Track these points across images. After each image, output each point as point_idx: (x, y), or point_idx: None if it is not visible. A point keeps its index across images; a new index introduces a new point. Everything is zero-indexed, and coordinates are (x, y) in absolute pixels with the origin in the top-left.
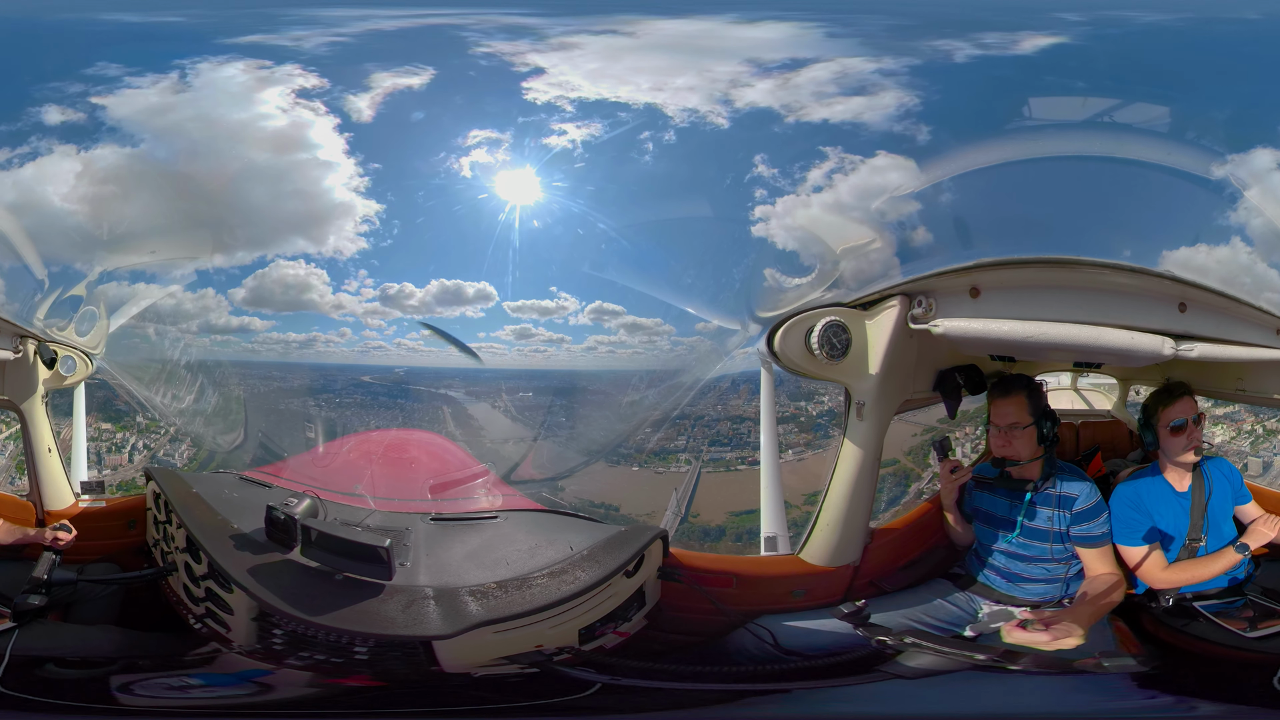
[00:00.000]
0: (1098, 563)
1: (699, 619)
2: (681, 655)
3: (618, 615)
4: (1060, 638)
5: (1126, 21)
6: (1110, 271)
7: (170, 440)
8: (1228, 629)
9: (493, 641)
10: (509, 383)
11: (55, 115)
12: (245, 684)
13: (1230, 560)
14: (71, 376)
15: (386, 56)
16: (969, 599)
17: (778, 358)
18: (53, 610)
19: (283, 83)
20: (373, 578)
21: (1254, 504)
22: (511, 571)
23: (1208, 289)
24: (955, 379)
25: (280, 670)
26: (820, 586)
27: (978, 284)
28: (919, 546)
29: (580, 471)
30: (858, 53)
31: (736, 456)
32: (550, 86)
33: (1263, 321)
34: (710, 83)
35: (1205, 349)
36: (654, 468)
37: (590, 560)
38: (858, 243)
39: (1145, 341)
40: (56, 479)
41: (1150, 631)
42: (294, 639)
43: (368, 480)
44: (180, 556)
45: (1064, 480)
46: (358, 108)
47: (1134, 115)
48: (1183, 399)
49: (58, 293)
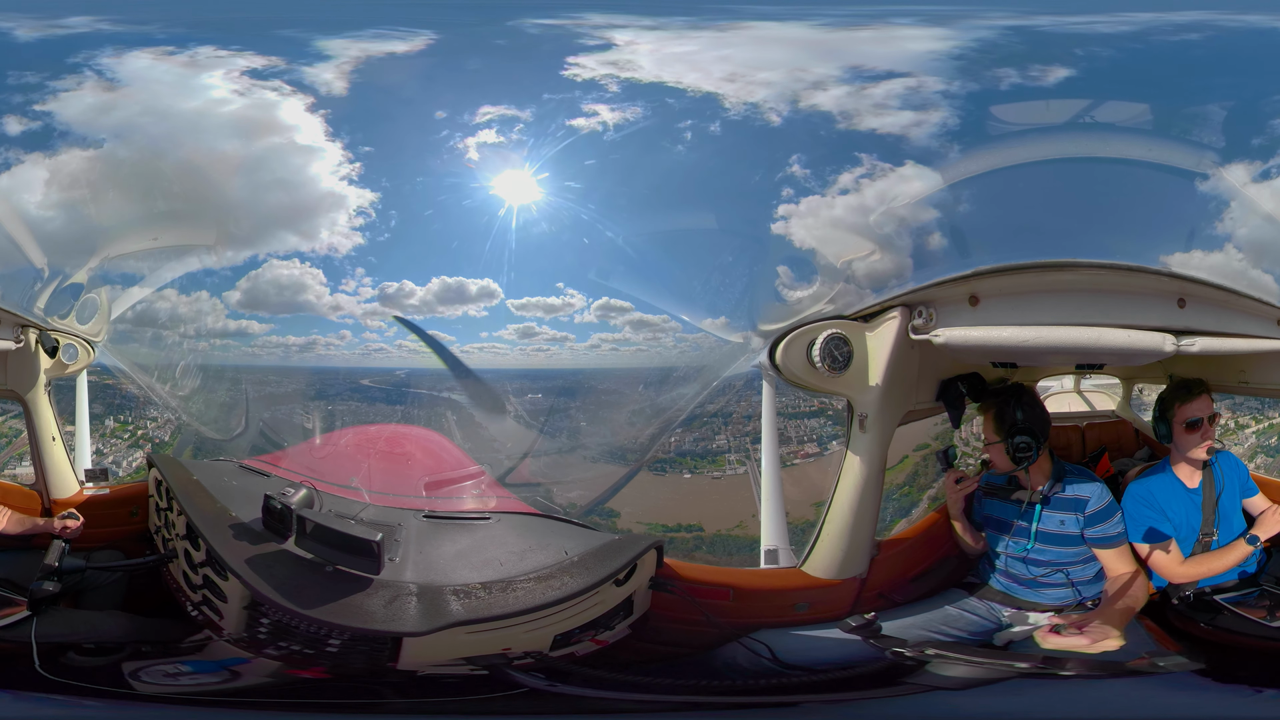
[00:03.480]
0: (1118, 563)
1: (690, 631)
2: (659, 667)
3: (600, 623)
4: (1099, 640)
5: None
6: (1107, 272)
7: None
8: (1252, 619)
9: (462, 641)
10: (515, 383)
11: (15, 125)
12: (219, 672)
13: (1243, 552)
14: (73, 364)
15: (364, 21)
16: (989, 607)
17: (780, 371)
18: (64, 598)
19: (221, 65)
20: (362, 571)
21: (1261, 496)
22: (498, 573)
23: (1205, 283)
24: (958, 388)
25: (256, 661)
26: (825, 600)
27: (977, 292)
28: (929, 557)
29: (626, 487)
30: (937, 71)
31: (787, 452)
32: (602, 64)
33: (1262, 313)
34: (792, 80)
35: (1206, 343)
36: (708, 473)
37: (580, 567)
38: (860, 255)
39: (1146, 340)
40: (61, 467)
41: (1181, 628)
42: (277, 629)
43: (364, 473)
44: (180, 543)
45: (1074, 483)
46: (324, 80)
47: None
48: (1200, 397)
49: (57, 281)
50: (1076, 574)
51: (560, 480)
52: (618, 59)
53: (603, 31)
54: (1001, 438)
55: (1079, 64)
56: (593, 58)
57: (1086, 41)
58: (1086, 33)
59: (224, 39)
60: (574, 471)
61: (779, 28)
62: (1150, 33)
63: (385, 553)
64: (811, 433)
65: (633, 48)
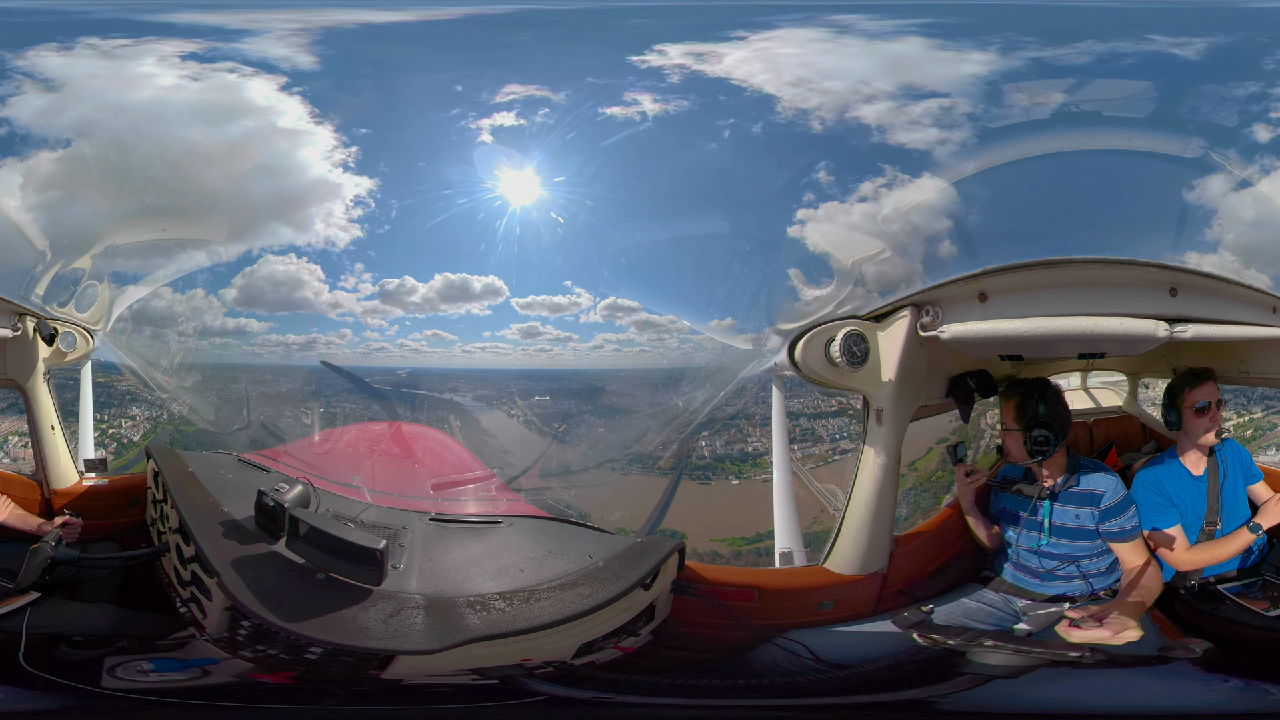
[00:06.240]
0: (1133, 555)
1: (711, 635)
2: (678, 672)
3: (624, 630)
4: (1119, 632)
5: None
6: (1102, 266)
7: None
8: (1251, 609)
9: (477, 654)
10: (519, 384)
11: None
12: (189, 670)
13: (1246, 540)
14: (72, 353)
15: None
16: (1005, 600)
17: (799, 368)
18: (59, 589)
19: (150, 52)
20: (360, 581)
21: (1263, 484)
22: (517, 582)
23: (1196, 273)
24: (967, 384)
25: (228, 662)
26: (849, 597)
27: (985, 290)
28: (945, 552)
29: (673, 500)
30: (970, 92)
31: (828, 450)
32: (657, 54)
33: (1256, 301)
34: (851, 91)
35: (1199, 329)
36: (758, 476)
37: (606, 572)
38: (874, 254)
39: (1139, 326)
40: (60, 457)
41: (1186, 618)
42: (258, 631)
43: (366, 472)
44: (172, 537)
45: (1088, 477)
46: (283, 56)
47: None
48: (1207, 383)
49: (57, 267)
50: (1089, 566)
51: (595, 498)
52: (707, 50)
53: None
54: (1020, 427)
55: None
56: (679, 47)
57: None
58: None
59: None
60: (606, 488)
61: (884, 41)
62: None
63: (388, 561)
64: (841, 430)
65: (735, 42)
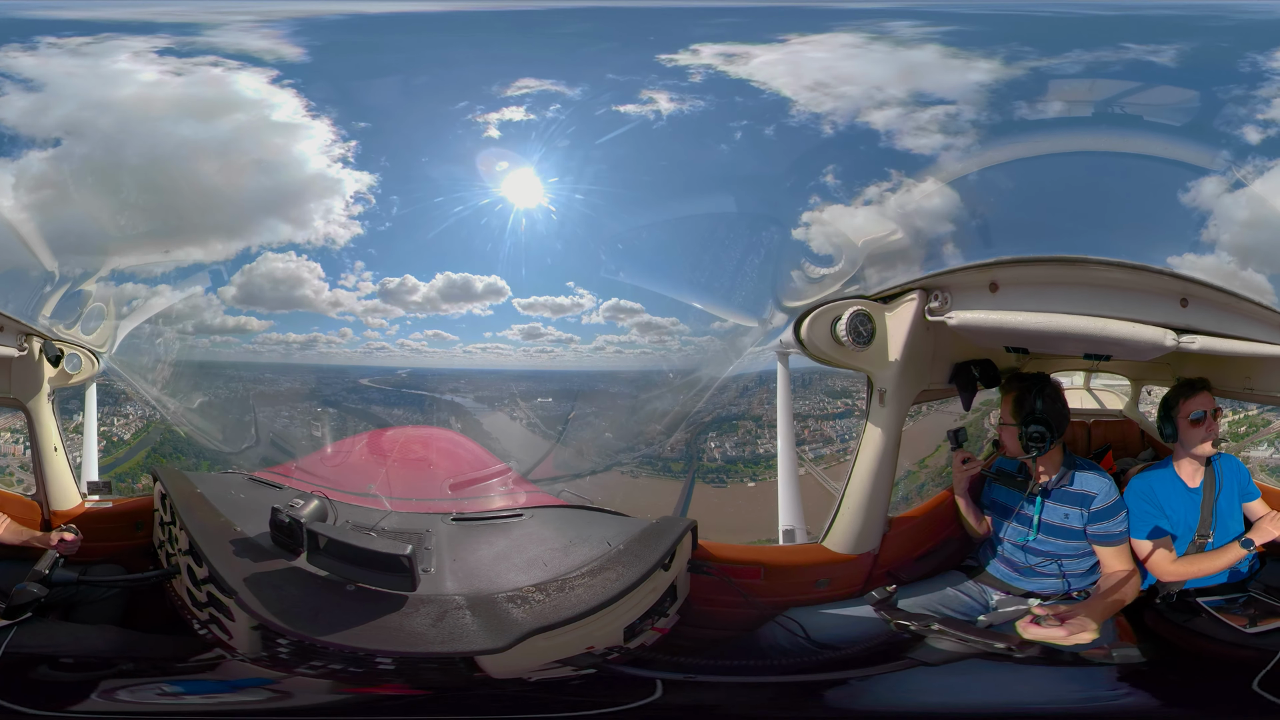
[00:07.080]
0: (1115, 560)
1: (724, 612)
2: (718, 650)
3: (655, 611)
4: (1075, 633)
5: None
6: (1116, 269)
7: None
8: (1227, 624)
9: (542, 647)
10: (521, 385)
11: None
12: (256, 691)
13: (1235, 555)
14: (77, 375)
15: None
16: (981, 590)
17: (804, 346)
18: (53, 610)
19: (124, 48)
20: (393, 589)
21: (1261, 501)
22: (546, 573)
23: (1208, 285)
24: (970, 372)
25: (293, 677)
26: (843, 575)
27: (997, 279)
28: (935, 537)
29: (689, 505)
30: (975, 100)
31: (839, 449)
32: (689, 53)
33: (1266, 318)
34: (865, 97)
35: (1206, 341)
36: (773, 479)
37: (628, 555)
38: (883, 237)
39: (1148, 333)
40: (62, 478)
41: (1149, 626)
42: (302, 648)
43: (382, 480)
44: (183, 559)
45: (1082, 477)
46: (265, 48)
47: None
48: (1203, 392)
49: (65, 288)
50: (1070, 566)
51: (608, 503)
52: (740, 51)
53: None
54: (1017, 422)
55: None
56: (714, 47)
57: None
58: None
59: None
60: (618, 492)
61: (905, 46)
62: None
63: (418, 565)
64: (849, 431)
65: (773, 44)
